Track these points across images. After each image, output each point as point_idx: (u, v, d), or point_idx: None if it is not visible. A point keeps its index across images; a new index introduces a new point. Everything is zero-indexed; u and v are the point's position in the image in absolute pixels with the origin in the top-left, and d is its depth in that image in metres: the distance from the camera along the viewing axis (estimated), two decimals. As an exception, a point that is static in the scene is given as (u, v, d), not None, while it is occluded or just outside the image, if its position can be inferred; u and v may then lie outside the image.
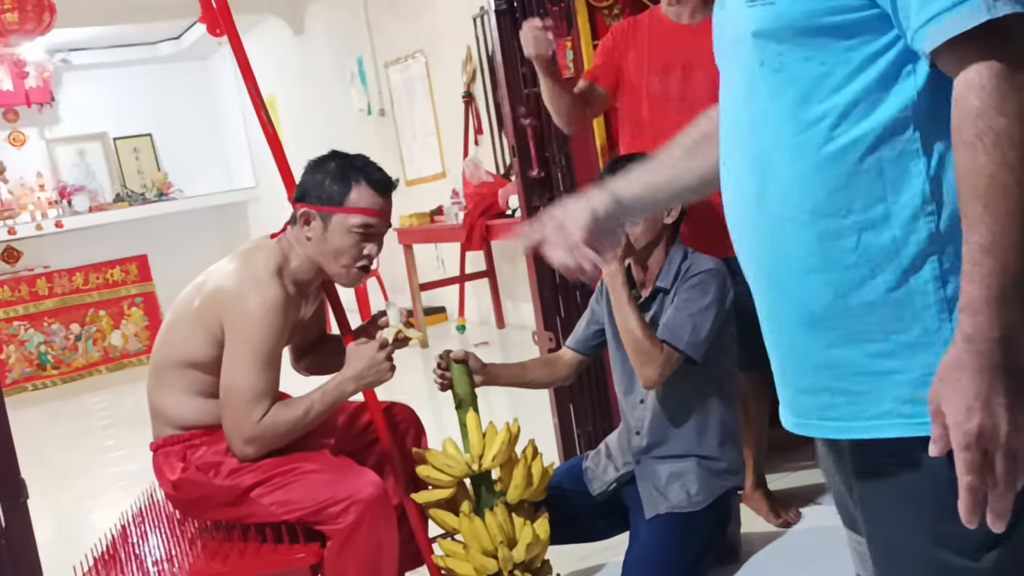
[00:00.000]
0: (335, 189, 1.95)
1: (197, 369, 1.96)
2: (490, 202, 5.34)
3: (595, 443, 2.80)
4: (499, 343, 5.84)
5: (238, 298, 1.91)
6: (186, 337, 1.97)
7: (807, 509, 2.62)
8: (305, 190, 1.99)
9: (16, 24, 5.71)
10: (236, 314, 1.89)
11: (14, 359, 6.83)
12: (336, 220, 1.95)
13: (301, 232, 1.99)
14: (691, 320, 2.13)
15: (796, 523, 2.54)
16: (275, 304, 1.90)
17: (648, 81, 2.48)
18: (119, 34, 8.51)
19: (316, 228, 1.97)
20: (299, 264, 2.00)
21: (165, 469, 1.98)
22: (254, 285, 1.91)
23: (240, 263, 1.97)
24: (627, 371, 2.32)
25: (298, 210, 1.99)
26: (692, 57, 2.43)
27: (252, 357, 1.87)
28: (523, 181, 3.00)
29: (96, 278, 7.17)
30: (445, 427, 2.37)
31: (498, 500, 2.01)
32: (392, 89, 7.02)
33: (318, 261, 2.00)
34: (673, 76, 2.45)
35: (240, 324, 1.88)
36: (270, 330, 1.89)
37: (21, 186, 8.35)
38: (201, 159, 9.35)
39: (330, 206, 1.95)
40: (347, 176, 1.96)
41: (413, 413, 2.28)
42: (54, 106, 8.74)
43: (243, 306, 1.89)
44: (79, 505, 4.08)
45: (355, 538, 1.85)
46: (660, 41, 2.49)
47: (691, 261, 2.22)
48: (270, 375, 1.90)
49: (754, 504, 2.61)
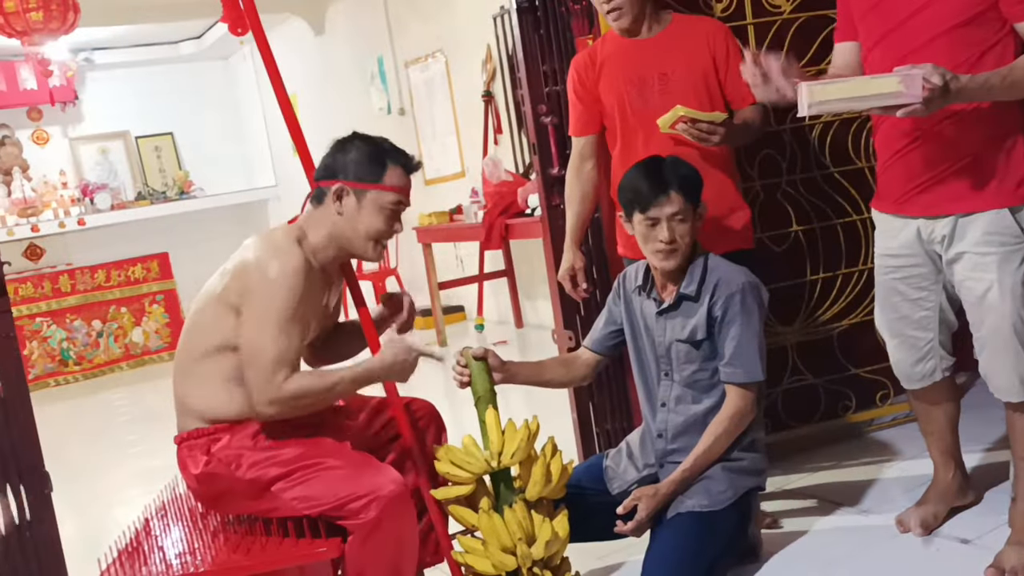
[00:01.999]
0: (372, 167, 2.02)
1: (225, 353, 1.97)
2: (509, 201, 5.34)
3: (615, 441, 2.80)
4: (517, 342, 5.84)
5: (258, 266, 1.95)
6: (213, 321, 1.99)
7: (830, 510, 2.60)
8: (335, 168, 2.04)
9: (41, 23, 5.75)
10: (256, 280, 1.93)
11: (37, 355, 6.90)
12: (371, 196, 2.02)
13: (330, 208, 2.03)
14: (755, 350, 2.18)
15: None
16: (296, 268, 1.94)
17: (629, 98, 2.49)
18: (141, 33, 8.57)
19: (350, 204, 2.02)
20: (318, 240, 2.04)
21: (189, 463, 1.99)
22: (272, 252, 1.96)
23: (258, 240, 2.02)
24: (646, 374, 2.32)
25: (327, 188, 2.02)
26: (665, 67, 2.46)
27: (273, 319, 1.90)
28: (543, 179, 3.00)
29: (118, 275, 7.23)
30: (464, 424, 2.37)
31: (517, 497, 2.02)
32: (412, 88, 7.04)
33: (345, 237, 2.04)
34: (651, 88, 2.47)
35: (261, 288, 1.92)
36: (289, 293, 1.92)
37: (44, 184, 8.42)
38: (222, 158, 9.40)
39: (366, 183, 2.01)
40: (381, 156, 2.04)
41: (434, 409, 2.29)
42: (77, 105, 8.82)
43: (263, 272, 1.93)
44: (100, 500, 4.12)
45: (376, 533, 1.85)
46: (629, 59, 2.50)
47: (715, 270, 2.21)
48: (293, 338, 1.93)
49: None
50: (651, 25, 2.51)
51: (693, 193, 2.19)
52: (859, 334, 3.00)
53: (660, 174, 2.19)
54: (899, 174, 2.15)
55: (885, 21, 2.09)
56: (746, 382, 2.19)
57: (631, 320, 2.33)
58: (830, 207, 2.99)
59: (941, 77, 1.83)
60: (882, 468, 2.83)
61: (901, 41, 2.06)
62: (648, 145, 2.44)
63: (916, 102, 1.83)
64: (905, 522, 2.39)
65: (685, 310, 2.22)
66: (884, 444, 2.99)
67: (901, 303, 2.25)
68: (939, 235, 2.10)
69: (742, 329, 2.16)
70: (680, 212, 2.16)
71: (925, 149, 2.08)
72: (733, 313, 2.16)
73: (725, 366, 2.19)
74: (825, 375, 3.03)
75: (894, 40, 2.07)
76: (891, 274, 2.24)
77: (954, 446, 2.38)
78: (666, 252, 2.18)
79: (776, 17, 2.87)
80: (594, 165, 2.65)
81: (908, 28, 2.05)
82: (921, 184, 2.10)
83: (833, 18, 2.85)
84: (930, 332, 2.24)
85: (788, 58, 2.05)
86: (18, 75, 8.29)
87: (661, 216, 2.16)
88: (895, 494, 2.60)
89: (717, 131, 2.30)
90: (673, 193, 2.16)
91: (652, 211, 2.17)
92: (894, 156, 2.15)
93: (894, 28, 2.07)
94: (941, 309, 2.22)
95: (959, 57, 1.98)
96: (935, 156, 2.07)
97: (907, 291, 2.23)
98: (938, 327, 2.23)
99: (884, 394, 3.07)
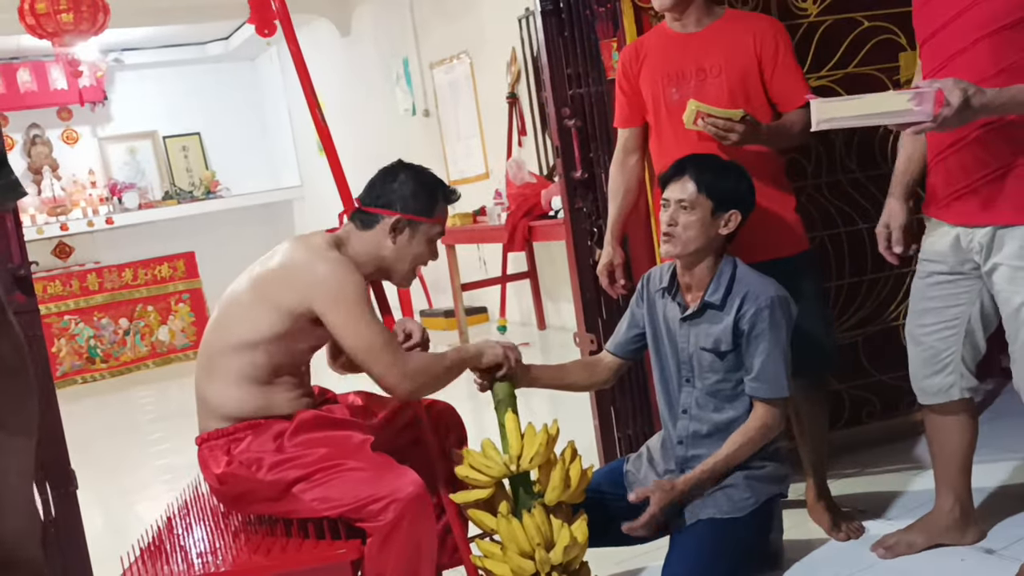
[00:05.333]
0: (426, 201, 2.09)
1: (252, 350, 1.98)
2: (533, 203, 5.34)
3: (636, 446, 2.79)
4: (540, 344, 5.84)
5: (309, 269, 1.98)
6: (242, 318, 2.01)
7: (854, 518, 2.57)
8: (391, 199, 2.08)
9: (71, 24, 5.83)
10: (314, 285, 1.96)
11: (64, 352, 6.98)
12: (423, 229, 2.10)
13: (382, 238, 2.07)
14: (782, 366, 2.15)
15: (858, 537, 2.46)
16: (345, 265, 2.00)
17: (665, 92, 2.47)
18: (170, 34, 8.66)
19: (404, 236, 2.08)
20: (356, 253, 2.08)
21: (210, 463, 2.00)
22: (319, 255, 2.00)
23: (298, 244, 2.05)
24: (667, 381, 2.30)
25: (380, 216, 2.06)
26: (704, 62, 2.42)
27: (359, 313, 1.96)
28: (566, 182, 2.99)
29: (145, 274, 7.30)
30: (486, 428, 2.38)
31: (536, 502, 2.01)
32: (437, 90, 7.06)
33: (389, 263, 2.10)
34: (687, 83, 2.43)
35: (324, 292, 1.95)
36: (356, 285, 1.98)
37: (73, 183, 8.54)
38: (248, 158, 9.48)
39: (421, 216, 2.09)
40: (434, 191, 2.12)
41: (455, 413, 2.29)
42: (106, 105, 8.93)
43: (316, 276, 1.97)
44: (125, 497, 4.16)
45: (395, 536, 1.86)
46: (670, 53, 2.47)
47: (743, 280, 2.18)
48: (380, 323, 2.01)
49: (816, 517, 2.55)
50: (700, 18, 2.46)
51: (713, 190, 2.15)
52: (884, 339, 2.97)
53: (687, 160, 2.19)
54: (941, 179, 2.10)
55: (932, 21, 2.04)
56: (772, 398, 2.16)
57: (653, 323, 2.31)
58: (856, 211, 2.96)
59: (961, 94, 1.77)
60: (907, 476, 2.79)
61: (946, 42, 2.00)
62: (680, 141, 2.41)
63: (927, 120, 1.78)
64: (883, 542, 2.34)
65: (710, 318, 2.20)
66: (909, 451, 2.96)
67: (928, 310, 2.18)
68: (977, 244, 2.04)
69: (771, 345, 2.14)
70: (688, 201, 2.14)
71: (965, 155, 2.02)
72: (761, 328, 2.14)
73: (751, 381, 2.17)
74: (849, 381, 3.00)
75: (940, 40, 2.02)
76: (926, 278, 2.19)
77: (959, 479, 2.25)
78: (664, 236, 2.18)
79: (803, 20, 2.85)
80: (638, 159, 2.63)
81: (952, 29, 1.99)
82: (958, 191, 2.05)
83: (860, 21, 2.85)
84: (952, 345, 2.16)
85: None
86: (49, 75, 8.42)
87: (671, 199, 2.17)
88: (919, 503, 2.57)
89: (735, 128, 2.25)
90: (687, 180, 2.15)
91: (665, 191, 2.19)
92: (937, 160, 2.09)
93: (940, 28, 2.02)
94: (969, 323, 2.13)
95: (1004, 61, 1.91)
96: (974, 163, 2.01)
97: (936, 298, 2.16)
98: (961, 342, 2.15)
99: (910, 400, 3.03)
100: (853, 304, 3.00)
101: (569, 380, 2.37)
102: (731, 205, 2.17)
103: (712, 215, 2.16)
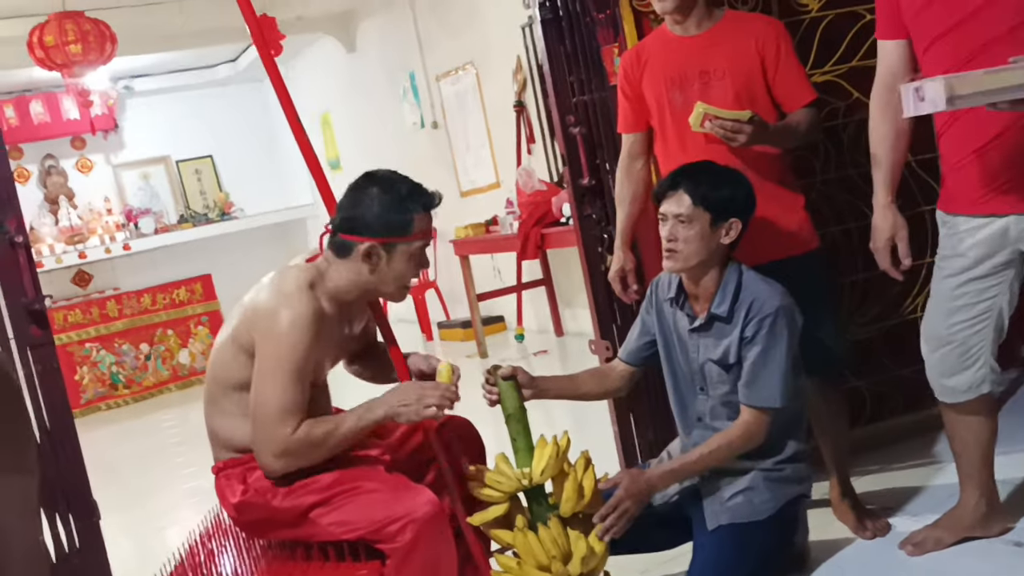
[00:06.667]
0: (396, 219, 1.96)
1: (246, 390, 1.98)
2: (544, 210, 5.34)
3: (656, 451, 2.77)
4: (557, 351, 5.83)
5: (268, 314, 1.93)
6: (230, 360, 1.99)
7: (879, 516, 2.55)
8: (359, 223, 1.96)
9: (80, 55, 5.89)
10: (264, 329, 1.92)
11: (87, 380, 7.04)
12: (400, 249, 1.97)
13: (359, 266, 1.98)
14: (774, 374, 2.10)
15: (884, 535, 2.44)
16: (304, 318, 1.90)
17: (669, 96, 2.45)
18: (177, 59, 8.73)
19: (380, 261, 1.97)
20: (337, 285, 2.00)
21: (227, 492, 2.01)
22: (283, 300, 1.92)
23: (273, 281, 2.00)
24: (680, 389, 2.29)
25: (354, 243, 1.97)
26: (707, 65, 2.40)
27: (279, 371, 1.88)
28: (574, 189, 2.99)
29: (163, 299, 7.36)
30: (508, 440, 2.36)
31: (552, 514, 2.00)
32: (444, 101, 7.07)
33: (372, 286, 2.02)
34: (691, 87, 2.41)
35: (268, 338, 1.90)
36: (296, 344, 1.89)
37: (90, 211, 8.61)
38: (260, 178, 9.53)
39: (393, 237, 1.96)
40: (404, 205, 1.96)
41: (472, 429, 2.27)
42: (118, 132, 9.01)
43: (271, 321, 1.91)
44: (153, 522, 4.18)
45: (413, 556, 1.85)
46: (672, 56, 2.45)
47: (749, 288, 2.15)
48: (297, 389, 1.89)
49: (841, 515, 2.53)
50: (701, 20, 2.44)
51: (709, 201, 2.12)
52: (903, 334, 2.94)
53: (679, 174, 2.17)
54: (978, 172, 2.03)
55: (952, 13, 1.97)
56: (759, 406, 2.12)
57: (664, 332, 2.30)
58: (867, 205, 2.92)
59: None
60: (931, 471, 2.76)
61: (977, 30, 1.93)
62: (685, 144, 2.40)
63: None
64: (911, 539, 2.32)
65: (718, 331, 2.17)
66: (932, 446, 2.92)
67: (959, 307, 2.13)
68: None
69: (764, 353, 2.10)
70: (685, 215, 2.11)
71: (1011, 145, 1.96)
72: (760, 336, 2.11)
73: (742, 386, 2.14)
74: (868, 377, 2.97)
75: (967, 31, 1.95)
76: (956, 276, 2.12)
77: (983, 471, 2.24)
78: (666, 252, 2.15)
79: (804, 16, 2.83)
80: (644, 163, 2.61)
81: (984, 17, 1.92)
82: (1009, 180, 1.99)
83: (862, 14, 2.82)
84: (984, 338, 2.13)
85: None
86: (61, 106, 8.51)
87: (668, 213, 2.15)
88: (944, 497, 2.54)
89: (743, 129, 2.23)
90: (682, 193, 2.12)
91: (662, 206, 2.17)
92: (972, 155, 2.03)
93: (965, 19, 1.95)
94: (1000, 315, 2.11)
95: None
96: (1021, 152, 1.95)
97: (967, 294, 2.11)
98: (991, 331, 2.12)
99: (931, 393, 2.99)
100: (868, 299, 2.98)
101: (581, 390, 2.35)
102: (730, 214, 2.14)
103: (711, 226, 2.12)
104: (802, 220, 2.46)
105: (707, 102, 2.32)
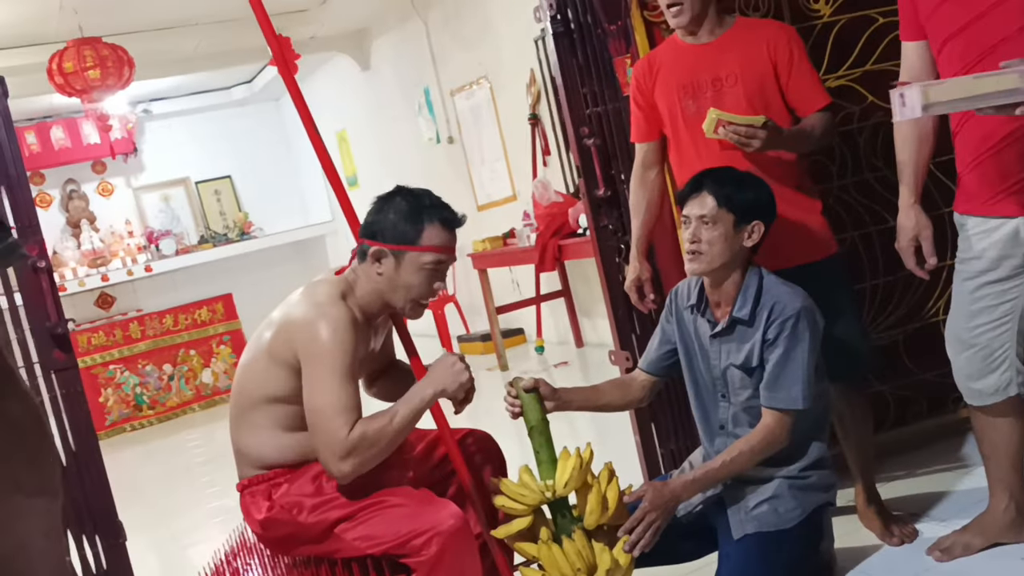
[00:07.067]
0: (408, 228, 1.99)
1: (279, 403, 2.00)
2: (561, 222, 5.35)
3: (679, 461, 2.76)
4: (578, 362, 5.82)
5: (306, 325, 1.95)
6: (263, 374, 2.01)
7: (906, 521, 2.52)
8: (376, 228, 2.02)
9: (98, 80, 5.98)
10: (307, 340, 1.93)
11: (112, 402, 7.10)
12: (409, 258, 1.99)
13: (371, 269, 2.02)
14: (796, 376, 2.09)
15: (912, 541, 2.42)
16: (343, 323, 1.93)
17: (682, 104, 2.45)
18: (195, 82, 8.82)
19: (388, 266, 2.00)
20: (363, 295, 2.04)
21: (252, 509, 2.02)
22: (319, 310, 1.95)
23: (304, 295, 2.02)
24: (702, 397, 2.28)
25: (368, 247, 2.02)
26: (719, 72, 2.40)
27: (330, 376, 1.90)
28: (590, 200, 2.99)
29: (185, 319, 7.42)
30: (531, 452, 2.36)
31: (576, 526, 2.00)
32: (459, 116, 7.11)
33: (386, 296, 2.04)
34: (704, 94, 2.41)
35: (313, 348, 1.92)
36: (342, 346, 1.92)
37: (111, 234, 8.71)
38: (279, 197, 9.61)
39: (403, 244, 1.99)
40: (419, 215, 2.00)
41: (493, 442, 2.27)
42: (138, 155, 9.12)
43: (312, 332, 1.93)
44: (179, 541, 4.20)
45: (439, 569, 1.86)
46: (684, 64, 2.45)
47: (770, 291, 2.15)
48: (350, 389, 1.92)
49: (867, 522, 2.51)
50: (712, 28, 2.45)
51: (733, 202, 2.12)
52: (926, 337, 2.92)
53: (703, 176, 2.17)
54: (990, 173, 2.02)
55: (966, 11, 1.96)
56: (780, 408, 2.11)
57: (684, 339, 2.29)
58: (886, 209, 2.92)
59: None
60: (957, 475, 2.74)
61: (990, 29, 1.92)
62: (700, 152, 2.40)
63: None
64: (939, 544, 2.29)
65: (740, 335, 2.17)
66: (958, 450, 2.90)
67: (980, 310, 2.11)
68: None
69: (786, 355, 2.10)
70: (709, 216, 2.12)
71: (1021, 146, 1.95)
72: (781, 338, 2.10)
73: (763, 389, 2.13)
74: (892, 381, 2.95)
75: (980, 29, 1.94)
76: (975, 279, 2.11)
77: (1012, 477, 2.21)
78: (689, 254, 2.15)
79: (816, 21, 2.83)
80: (658, 172, 2.62)
81: (994, 17, 1.91)
82: (1020, 182, 1.98)
83: (875, 18, 2.82)
84: (1007, 341, 2.11)
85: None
86: (81, 131, 8.62)
87: (691, 215, 2.15)
88: (971, 502, 2.51)
89: (757, 134, 2.23)
90: (706, 195, 2.13)
91: (685, 209, 2.17)
92: (984, 155, 2.02)
93: (975, 19, 1.95)
94: (1022, 314, 2.09)
95: None
96: None
97: (988, 296, 2.09)
98: (1015, 335, 2.10)
99: (956, 397, 2.97)
100: (890, 303, 2.96)
101: (603, 401, 2.34)
102: (753, 216, 2.15)
103: (735, 228, 2.13)
104: (820, 225, 2.46)
105: (720, 109, 2.32)
